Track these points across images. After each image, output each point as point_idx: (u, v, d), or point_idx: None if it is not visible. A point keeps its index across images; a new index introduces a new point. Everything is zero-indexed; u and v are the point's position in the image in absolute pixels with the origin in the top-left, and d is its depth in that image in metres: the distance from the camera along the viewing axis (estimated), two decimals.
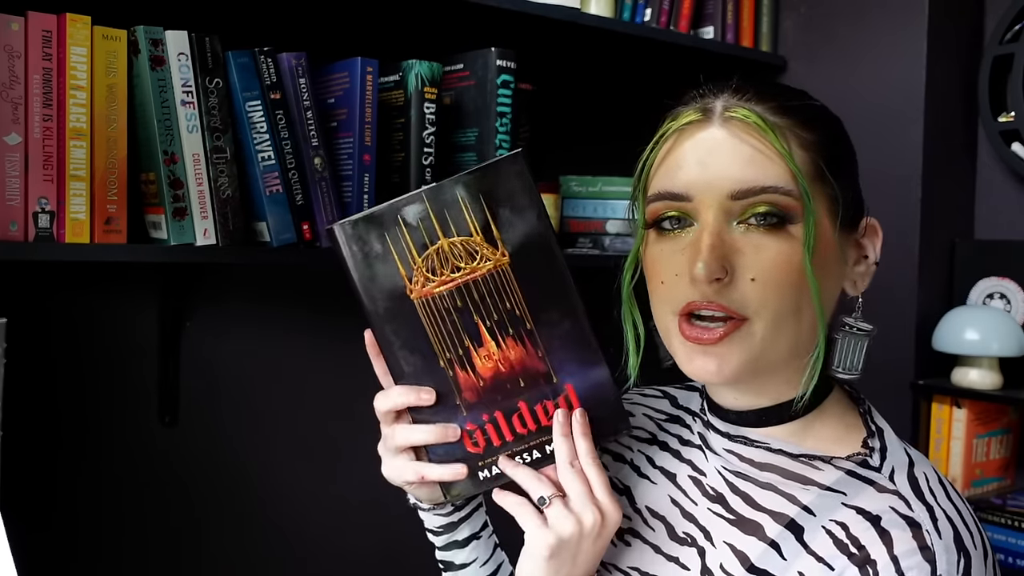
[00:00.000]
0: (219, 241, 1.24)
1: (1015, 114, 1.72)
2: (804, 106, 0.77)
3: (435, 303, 0.80)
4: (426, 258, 0.79)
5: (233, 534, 1.56)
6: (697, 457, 0.86)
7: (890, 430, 0.81)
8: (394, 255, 0.79)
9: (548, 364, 0.81)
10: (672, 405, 0.95)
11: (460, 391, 0.81)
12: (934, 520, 0.72)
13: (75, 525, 1.43)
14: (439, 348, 0.81)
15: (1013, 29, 1.73)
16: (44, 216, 1.13)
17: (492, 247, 0.79)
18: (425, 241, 0.78)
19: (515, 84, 1.46)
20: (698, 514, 0.83)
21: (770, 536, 0.77)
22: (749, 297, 0.73)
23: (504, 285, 0.80)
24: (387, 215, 0.78)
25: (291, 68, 1.30)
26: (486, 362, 0.81)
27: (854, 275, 0.80)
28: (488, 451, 0.82)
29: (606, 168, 1.77)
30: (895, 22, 1.74)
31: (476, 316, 0.80)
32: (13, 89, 1.11)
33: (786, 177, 0.73)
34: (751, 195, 0.73)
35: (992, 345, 1.63)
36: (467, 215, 0.78)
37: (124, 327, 1.46)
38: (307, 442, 1.63)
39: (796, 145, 0.75)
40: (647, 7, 1.71)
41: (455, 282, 0.79)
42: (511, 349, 0.80)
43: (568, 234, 1.72)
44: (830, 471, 0.78)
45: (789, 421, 0.79)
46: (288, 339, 1.61)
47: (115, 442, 1.46)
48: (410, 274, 0.79)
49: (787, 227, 0.73)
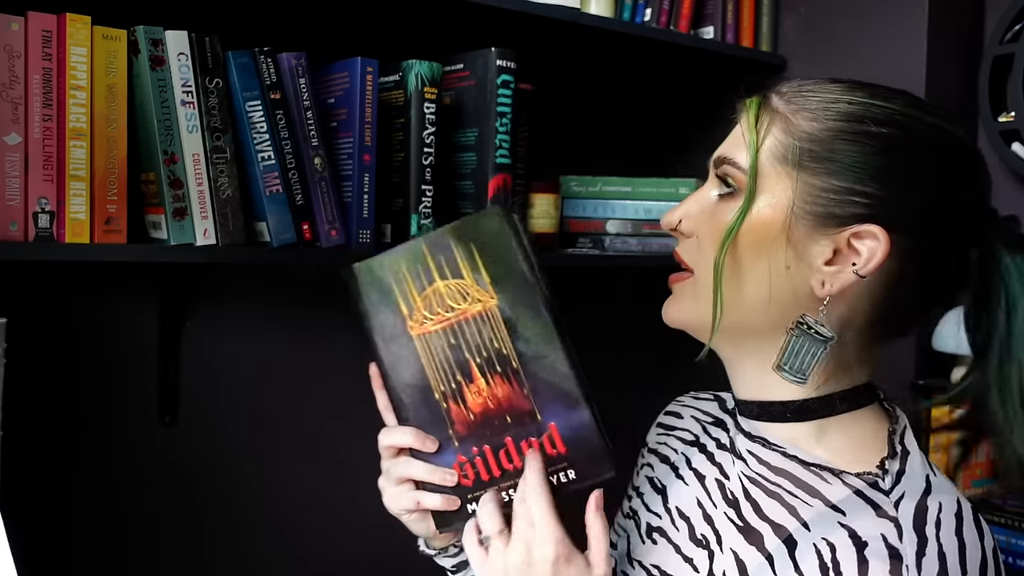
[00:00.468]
0: (219, 241, 1.24)
1: (1015, 114, 1.72)
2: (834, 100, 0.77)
3: (432, 340, 0.87)
4: (424, 298, 0.86)
5: (233, 534, 1.56)
6: (726, 461, 0.87)
7: (918, 453, 0.79)
8: (398, 295, 0.87)
9: (533, 403, 0.86)
10: (720, 408, 0.96)
11: (453, 423, 0.87)
12: (920, 555, 0.70)
13: (75, 525, 1.43)
14: (434, 382, 0.87)
15: (1013, 29, 1.73)
16: (44, 216, 1.13)
17: (482, 290, 0.86)
18: (423, 283, 0.87)
19: (515, 84, 1.46)
20: (716, 517, 0.83)
21: (768, 549, 0.77)
22: (692, 253, 0.82)
23: (492, 326, 0.86)
24: (394, 258, 0.87)
25: (291, 68, 1.30)
26: (476, 398, 0.87)
27: (822, 273, 0.76)
28: (477, 485, 0.88)
29: (606, 168, 1.77)
30: (895, 22, 1.74)
31: (467, 354, 0.86)
32: (13, 89, 1.11)
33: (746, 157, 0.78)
34: (719, 165, 0.81)
35: None
36: (459, 260, 0.86)
37: (124, 327, 1.46)
38: (307, 442, 1.63)
39: (779, 129, 0.77)
40: (647, 7, 1.71)
41: (449, 321, 0.86)
42: (499, 387, 0.86)
43: (568, 234, 1.72)
44: (839, 486, 0.77)
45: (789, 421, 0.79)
46: (288, 339, 1.61)
47: (115, 442, 1.46)
48: (411, 312, 0.87)
49: (731, 199, 0.79)
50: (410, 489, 0.89)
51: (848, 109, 0.77)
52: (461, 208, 1.50)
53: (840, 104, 0.77)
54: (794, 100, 0.78)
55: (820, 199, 0.75)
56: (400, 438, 0.89)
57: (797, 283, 0.77)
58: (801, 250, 0.76)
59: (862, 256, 0.75)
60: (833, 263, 0.76)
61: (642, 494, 0.95)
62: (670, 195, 1.69)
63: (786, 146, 0.77)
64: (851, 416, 0.80)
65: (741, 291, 0.78)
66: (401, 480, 0.89)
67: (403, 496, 0.89)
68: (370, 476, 1.75)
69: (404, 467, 0.89)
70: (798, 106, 0.78)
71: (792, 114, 0.77)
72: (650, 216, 1.70)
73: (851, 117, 0.76)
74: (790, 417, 0.80)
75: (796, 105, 0.78)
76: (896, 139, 0.76)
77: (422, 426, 0.88)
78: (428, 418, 0.88)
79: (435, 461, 0.88)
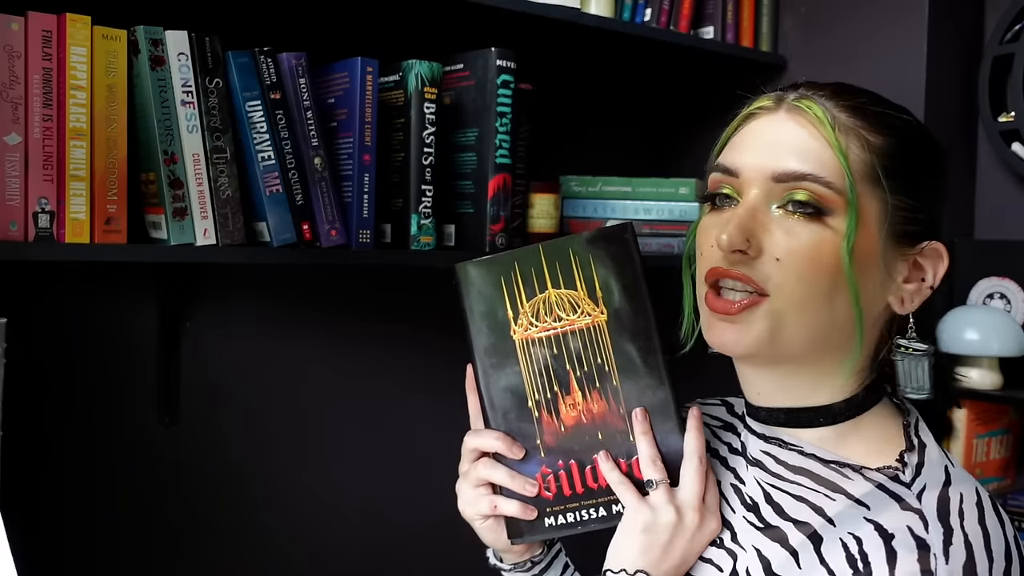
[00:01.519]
0: (219, 241, 1.24)
1: (1015, 114, 1.72)
2: (883, 113, 0.78)
3: (534, 347, 0.86)
4: (532, 304, 0.86)
5: (233, 534, 1.56)
6: (740, 465, 0.87)
7: (935, 445, 0.80)
8: (506, 297, 0.86)
9: (628, 424, 0.85)
10: (728, 412, 0.96)
11: (542, 433, 0.86)
12: (947, 544, 0.70)
13: (75, 525, 1.43)
14: (530, 389, 0.86)
15: (1013, 29, 1.73)
16: (44, 216, 1.13)
17: (593, 304, 0.85)
18: (535, 289, 0.86)
19: (515, 84, 1.46)
20: (735, 521, 0.83)
21: (792, 544, 0.77)
22: (771, 274, 0.76)
23: (598, 341, 0.86)
24: (507, 260, 0.86)
25: (291, 68, 1.30)
26: (571, 411, 0.86)
27: (902, 291, 0.79)
28: (558, 499, 0.87)
29: (606, 168, 1.77)
30: (895, 22, 1.74)
31: (568, 365, 0.86)
32: (13, 89, 1.11)
33: (834, 171, 0.75)
34: (792, 179, 0.75)
35: (992, 345, 1.63)
36: (576, 271, 0.85)
37: (124, 327, 1.46)
38: (307, 442, 1.63)
39: (857, 145, 0.76)
40: (647, 7, 1.70)
41: (555, 330, 0.86)
42: (595, 402, 0.86)
43: (568, 234, 1.71)
44: (860, 482, 0.77)
45: (820, 426, 0.80)
46: (288, 339, 1.61)
47: (115, 442, 1.46)
48: (516, 316, 0.86)
49: (824, 218, 0.75)
50: (488, 493, 0.88)
51: (903, 124, 0.79)
52: (461, 208, 1.50)
53: (895, 118, 0.78)
54: (850, 110, 0.77)
55: (899, 217, 0.77)
56: (488, 442, 0.87)
57: (879, 301, 0.79)
58: (888, 269, 0.78)
59: (927, 271, 0.80)
60: (910, 280, 0.79)
61: None
62: (670, 195, 1.69)
63: (868, 163, 0.76)
64: (867, 415, 0.80)
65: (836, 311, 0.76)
66: (480, 483, 0.88)
67: (481, 500, 0.88)
68: (370, 475, 1.75)
69: (486, 470, 0.87)
70: (858, 118, 0.77)
71: (860, 128, 0.77)
72: (650, 216, 1.70)
73: (908, 133, 0.78)
74: (822, 422, 0.80)
75: (856, 117, 0.77)
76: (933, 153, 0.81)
77: (510, 432, 0.87)
78: (517, 425, 0.87)
79: (520, 469, 0.87)
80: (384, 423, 1.71)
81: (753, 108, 0.81)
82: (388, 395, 1.71)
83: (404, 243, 1.42)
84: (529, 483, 0.86)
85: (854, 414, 0.80)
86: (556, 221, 1.64)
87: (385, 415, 1.71)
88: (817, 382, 0.79)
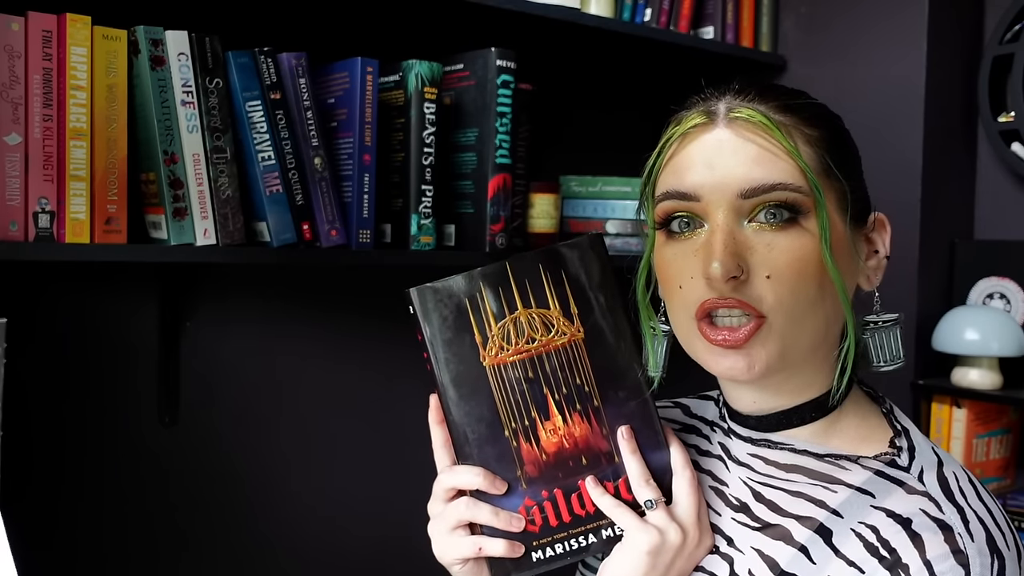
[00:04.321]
0: (219, 241, 1.24)
1: (1015, 114, 1.72)
2: (807, 104, 0.79)
3: (507, 372, 0.80)
4: (502, 326, 0.80)
5: (233, 533, 1.56)
6: (718, 467, 0.86)
7: (916, 429, 0.81)
8: (472, 321, 0.80)
9: (612, 444, 0.81)
10: (685, 414, 0.94)
11: (523, 464, 0.81)
12: (966, 522, 0.71)
13: (75, 525, 1.43)
14: (505, 418, 0.81)
15: (1013, 29, 1.73)
16: (44, 216, 1.13)
17: (568, 321, 0.80)
18: (504, 310, 0.80)
19: (515, 84, 1.46)
20: (722, 524, 0.82)
21: (799, 541, 0.76)
22: (765, 294, 0.74)
23: (576, 360, 0.80)
24: (470, 281, 0.80)
25: (291, 68, 1.30)
26: (551, 436, 0.81)
27: (867, 270, 0.80)
28: (544, 531, 0.81)
29: (606, 168, 1.77)
30: (895, 22, 1.74)
31: (546, 388, 0.80)
32: (13, 89, 1.11)
33: (794, 173, 0.74)
34: (761, 193, 0.74)
35: (992, 345, 1.63)
36: (547, 288, 0.80)
37: (124, 327, 1.46)
38: (307, 442, 1.63)
39: (802, 142, 0.75)
40: (647, 7, 1.71)
41: (529, 352, 0.80)
42: (577, 425, 0.81)
43: (568, 234, 1.72)
44: (858, 471, 0.77)
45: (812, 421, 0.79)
46: (288, 339, 1.61)
47: (115, 442, 1.46)
48: (485, 341, 0.80)
49: (799, 222, 0.74)
50: (468, 534, 0.81)
51: (824, 112, 0.80)
52: (461, 208, 1.50)
53: (816, 108, 0.79)
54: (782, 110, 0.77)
55: (852, 201, 0.77)
56: (467, 479, 0.80)
57: (854, 285, 0.80)
58: (855, 254, 0.79)
59: (877, 242, 0.81)
60: (869, 257, 0.81)
61: None
62: None
63: (819, 157, 0.76)
64: (847, 404, 0.80)
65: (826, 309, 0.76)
66: (459, 524, 0.81)
67: (462, 542, 0.81)
68: (370, 475, 1.75)
69: (468, 510, 0.80)
70: (798, 115, 0.77)
71: (799, 124, 0.77)
72: None
73: (829, 119, 0.80)
74: (813, 416, 0.80)
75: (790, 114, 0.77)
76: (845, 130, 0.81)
77: (487, 465, 0.81)
78: (494, 457, 0.81)
79: (501, 504, 0.81)
80: (384, 423, 1.71)
81: (685, 128, 0.78)
82: (388, 395, 1.71)
83: (404, 243, 1.42)
84: (515, 519, 0.80)
85: (839, 402, 0.80)
86: (556, 221, 1.64)
87: (385, 415, 1.71)
88: (809, 381, 0.79)
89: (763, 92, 0.78)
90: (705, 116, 0.77)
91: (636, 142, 0.84)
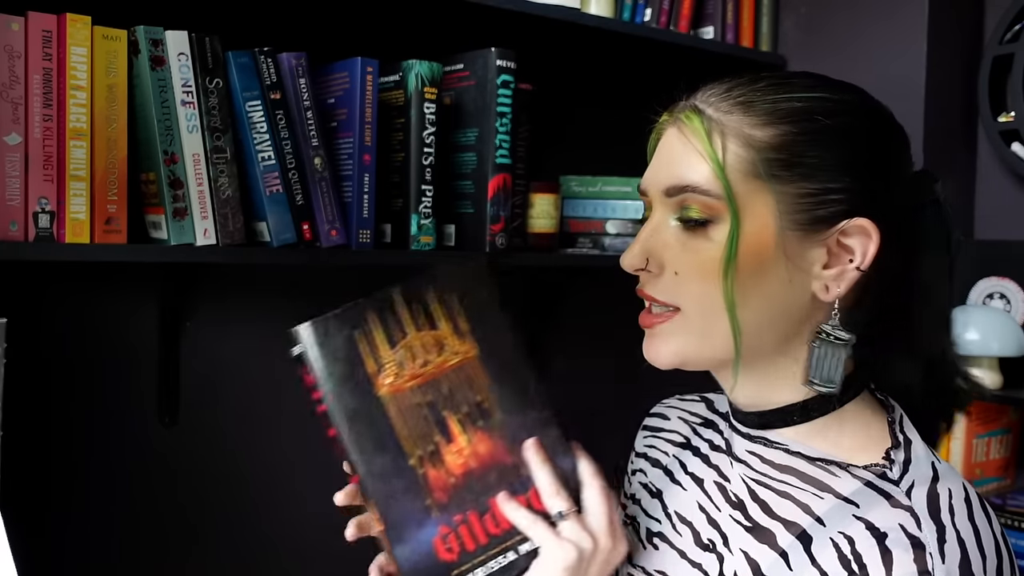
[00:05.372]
0: (219, 241, 1.24)
1: (1015, 114, 1.72)
2: (774, 101, 0.76)
3: (404, 399, 0.80)
4: (396, 352, 0.80)
5: (233, 534, 1.56)
6: (723, 463, 0.86)
7: (920, 442, 0.78)
8: (363, 352, 0.80)
9: (517, 457, 0.80)
10: (708, 409, 0.95)
11: (431, 491, 0.80)
12: (942, 542, 0.69)
13: (75, 525, 1.43)
14: (409, 446, 0.80)
15: (1013, 29, 1.73)
16: (44, 216, 1.13)
17: (460, 340, 0.81)
18: (395, 336, 0.80)
19: (515, 84, 1.46)
20: (720, 520, 0.83)
21: (781, 546, 0.76)
22: (673, 290, 0.77)
23: (472, 377, 0.81)
24: (358, 312, 0.80)
25: (291, 68, 1.30)
26: (457, 458, 0.80)
27: (823, 278, 0.75)
28: (463, 557, 0.80)
29: (606, 168, 1.77)
30: (895, 22, 1.74)
31: (445, 410, 0.80)
32: (13, 89, 1.11)
33: (711, 178, 0.74)
34: (676, 193, 0.76)
35: (992, 345, 1.63)
36: (437, 310, 0.81)
37: (124, 327, 1.46)
38: (307, 442, 1.63)
39: (737, 145, 0.74)
40: (647, 7, 1.71)
41: (424, 376, 0.80)
42: (481, 442, 0.80)
43: (568, 234, 1.72)
44: (848, 480, 0.76)
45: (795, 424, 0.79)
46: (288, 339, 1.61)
47: (115, 442, 1.46)
48: (379, 370, 0.80)
49: (707, 228, 0.75)
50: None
51: (794, 108, 0.75)
52: (461, 208, 1.50)
53: (785, 104, 0.75)
54: (735, 108, 0.76)
55: (801, 206, 0.74)
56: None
57: (801, 293, 0.76)
58: (798, 261, 0.75)
59: (856, 251, 0.75)
60: (830, 266, 0.75)
61: (639, 500, 0.94)
62: None
63: (750, 160, 0.74)
64: (849, 410, 0.79)
65: (745, 315, 0.75)
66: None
67: None
68: None
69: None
70: (742, 114, 0.75)
71: (740, 124, 0.75)
72: None
73: (802, 115, 0.75)
74: (796, 420, 0.79)
75: (740, 114, 0.75)
76: (847, 127, 0.76)
77: (393, 499, 0.80)
78: (401, 490, 0.79)
79: (416, 537, 0.80)
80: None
81: (658, 126, 0.82)
82: None
83: (404, 243, 1.42)
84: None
85: (829, 408, 0.78)
86: (556, 221, 1.64)
87: None
88: (777, 382, 0.79)
89: (734, 86, 0.78)
90: (669, 115, 0.81)
91: (636, 142, 0.84)
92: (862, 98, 0.79)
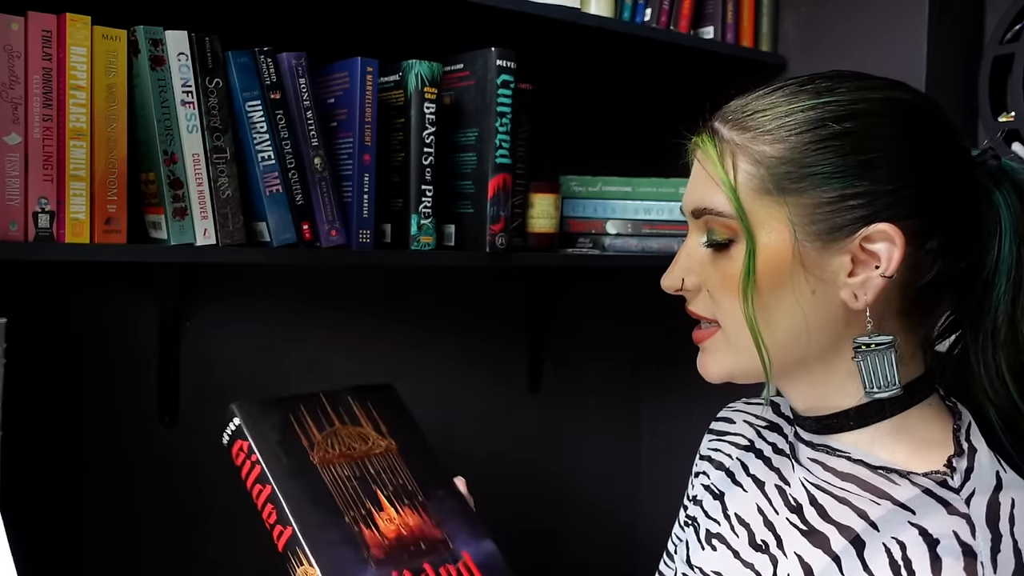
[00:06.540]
0: (219, 241, 1.24)
1: (1015, 114, 1.72)
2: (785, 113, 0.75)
3: (337, 470, 0.88)
4: (325, 435, 0.90)
5: (232, 534, 1.56)
6: (785, 466, 0.86)
7: (986, 450, 0.76)
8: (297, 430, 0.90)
9: (444, 532, 0.88)
10: (774, 412, 0.95)
11: (368, 546, 0.85)
12: (996, 551, 0.68)
13: (75, 525, 1.43)
14: (344, 506, 0.87)
15: (1013, 29, 1.73)
16: (44, 216, 1.13)
17: (381, 437, 0.91)
18: (324, 425, 0.91)
19: (515, 84, 1.46)
20: (777, 523, 0.83)
21: (835, 550, 0.76)
22: (711, 307, 0.80)
23: (395, 466, 0.90)
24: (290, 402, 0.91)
25: (291, 68, 1.30)
26: (388, 524, 0.87)
27: (849, 286, 0.74)
28: None
29: (606, 168, 1.77)
30: (895, 22, 1.74)
31: (374, 485, 0.88)
32: (13, 89, 1.11)
33: (724, 200, 0.76)
34: (700, 215, 0.79)
35: None
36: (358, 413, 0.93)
37: (124, 327, 1.46)
38: None
39: (748, 162, 0.75)
40: (647, 7, 1.71)
41: (352, 456, 0.89)
42: (409, 516, 0.88)
43: (568, 234, 1.72)
44: (907, 487, 0.75)
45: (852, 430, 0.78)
46: (288, 339, 1.61)
47: (115, 442, 1.46)
48: (312, 446, 0.89)
49: (729, 248, 0.77)
50: None
51: (804, 117, 0.75)
52: (461, 208, 1.50)
53: (793, 115, 0.75)
54: (746, 126, 0.76)
55: (818, 216, 0.73)
56: None
57: (828, 303, 0.75)
58: (820, 272, 0.74)
59: (881, 256, 0.73)
60: (855, 273, 0.74)
61: (700, 501, 0.94)
62: (670, 195, 1.69)
63: (760, 177, 0.74)
64: (914, 416, 0.77)
65: (775, 330, 0.76)
66: None
67: None
68: None
69: None
70: (753, 131, 0.75)
71: (750, 142, 0.75)
72: (650, 216, 1.70)
73: (810, 125, 0.74)
74: (852, 425, 0.78)
75: (750, 131, 0.75)
76: (861, 129, 0.74)
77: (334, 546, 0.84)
78: (341, 538, 0.85)
79: None
80: None
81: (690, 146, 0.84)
82: None
83: (404, 243, 1.42)
84: None
85: (891, 413, 0.77)
86: (556, 221, 1.64)
87: None
88: (830, 388, 0.79)
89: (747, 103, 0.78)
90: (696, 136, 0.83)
91: (636, 142, 0.84)
92: (886, 94, 0.77)
